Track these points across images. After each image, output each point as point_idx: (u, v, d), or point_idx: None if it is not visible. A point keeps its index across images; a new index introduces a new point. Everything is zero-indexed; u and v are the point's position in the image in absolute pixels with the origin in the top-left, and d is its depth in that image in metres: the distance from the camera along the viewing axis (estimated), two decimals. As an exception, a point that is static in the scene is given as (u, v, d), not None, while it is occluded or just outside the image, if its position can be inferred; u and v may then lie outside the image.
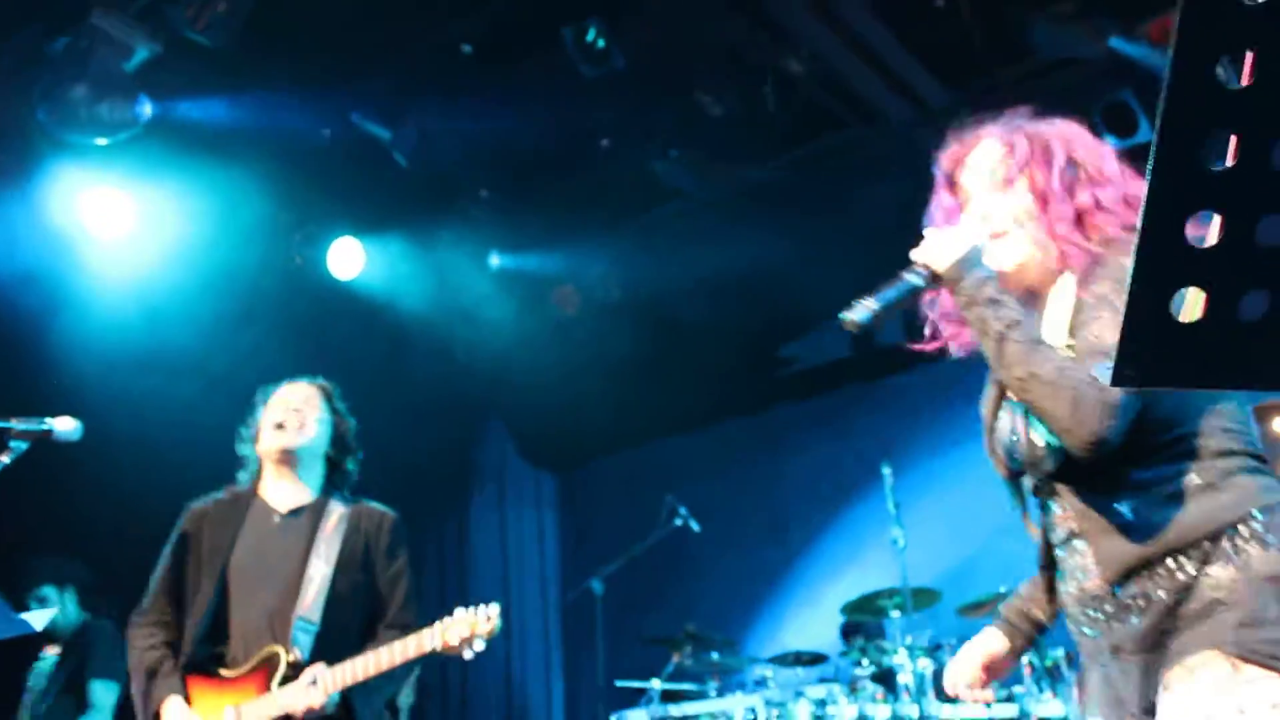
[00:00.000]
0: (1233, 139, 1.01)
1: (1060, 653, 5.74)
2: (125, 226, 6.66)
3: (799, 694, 5.86)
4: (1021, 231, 2.41)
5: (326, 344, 7.16)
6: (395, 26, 6.30)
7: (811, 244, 7.39)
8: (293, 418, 4.11)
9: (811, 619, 6.50)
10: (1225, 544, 2.10)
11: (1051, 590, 2.42)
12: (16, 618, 3.11)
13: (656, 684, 6.30)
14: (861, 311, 2.36)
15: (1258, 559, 2.07)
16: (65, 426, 3.30)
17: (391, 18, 6.21)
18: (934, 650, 5.88)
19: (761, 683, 6.11)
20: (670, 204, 7.56)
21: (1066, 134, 2.46)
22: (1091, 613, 2.28)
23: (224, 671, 3.87)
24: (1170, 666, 2.10)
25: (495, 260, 8.00)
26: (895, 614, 5.94)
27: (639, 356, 7.98)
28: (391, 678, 3.86)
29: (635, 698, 6.45)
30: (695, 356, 8.17)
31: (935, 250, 2.39)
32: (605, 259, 7.90)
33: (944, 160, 2.58)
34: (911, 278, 2.40)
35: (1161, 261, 1.04)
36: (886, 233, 7.23)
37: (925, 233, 2.45)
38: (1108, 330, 2.18)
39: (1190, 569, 2.11)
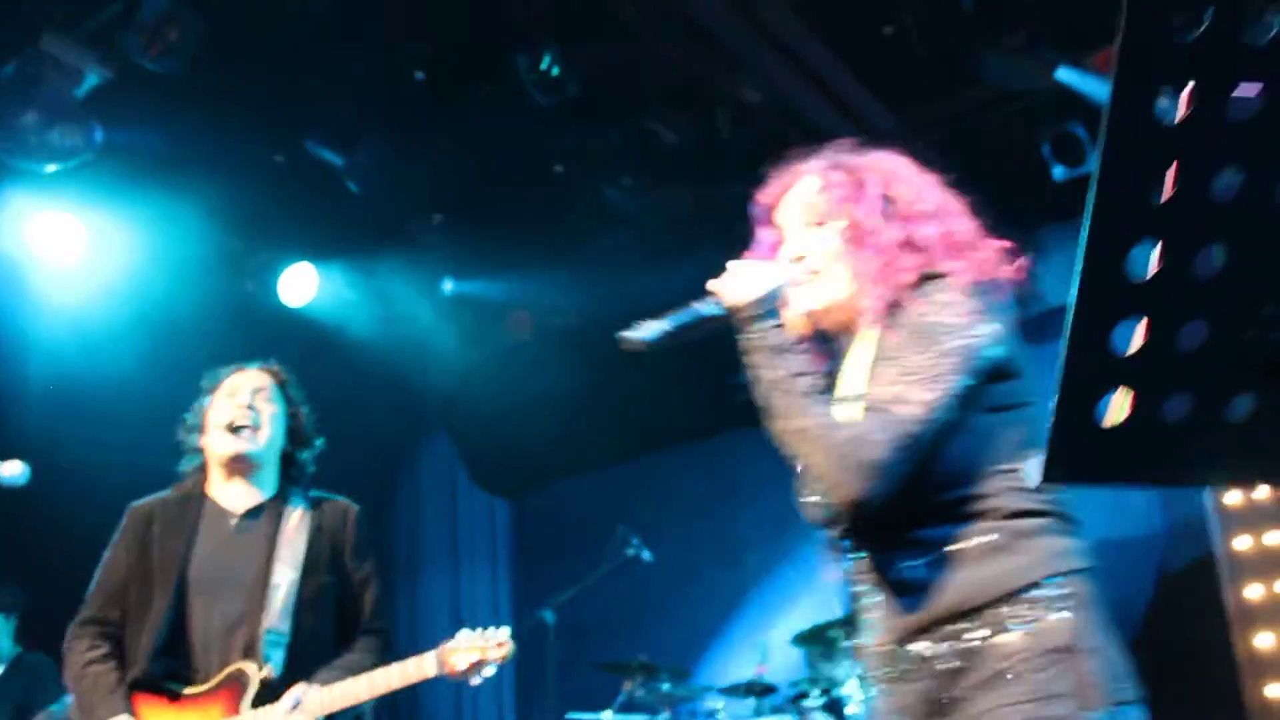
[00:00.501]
0: (1156, 250, 1.03)
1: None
2: (75, 252, 6.58)
3: (750, 726, 5.87)
4: (831, 271, 2.36)
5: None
6: (347, 53, 6.27)
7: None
8: (246, 417, 3.79)
9: (764, 648, 6.50)
10: (1014, 610, 2.02)
11: None
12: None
13: (608, 715, 6.28)
14: (646, 332, 2.31)
15: (1046, 629, 1.99)
16: (11, 471, 3.28)
17: (344, 43, 6.19)
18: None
19: (712, 714, 6.11)
20: (624, 230, 7.57)
21: (885, 168, 2.42)
22: (881, 671, 2.21)
23: (185, 690, 3.56)
24: None
25: (448, 286, 7.97)
26: (846, 644, 5.96)
27: (592, 383, 7.96)
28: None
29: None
30: (648, 383, 8.17)
31: (733, 283, 2.30)
32: (559, 285, 7.89)
33: (764, 196, 2.54)
34: (702, 307, 2.32)
35: (1089, 369, 1.06)
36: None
37: (729, 264, 2.35)
38: (886, 384, 2.13)
39: (976, 635, 2.04)
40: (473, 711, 8.68)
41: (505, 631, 3.58)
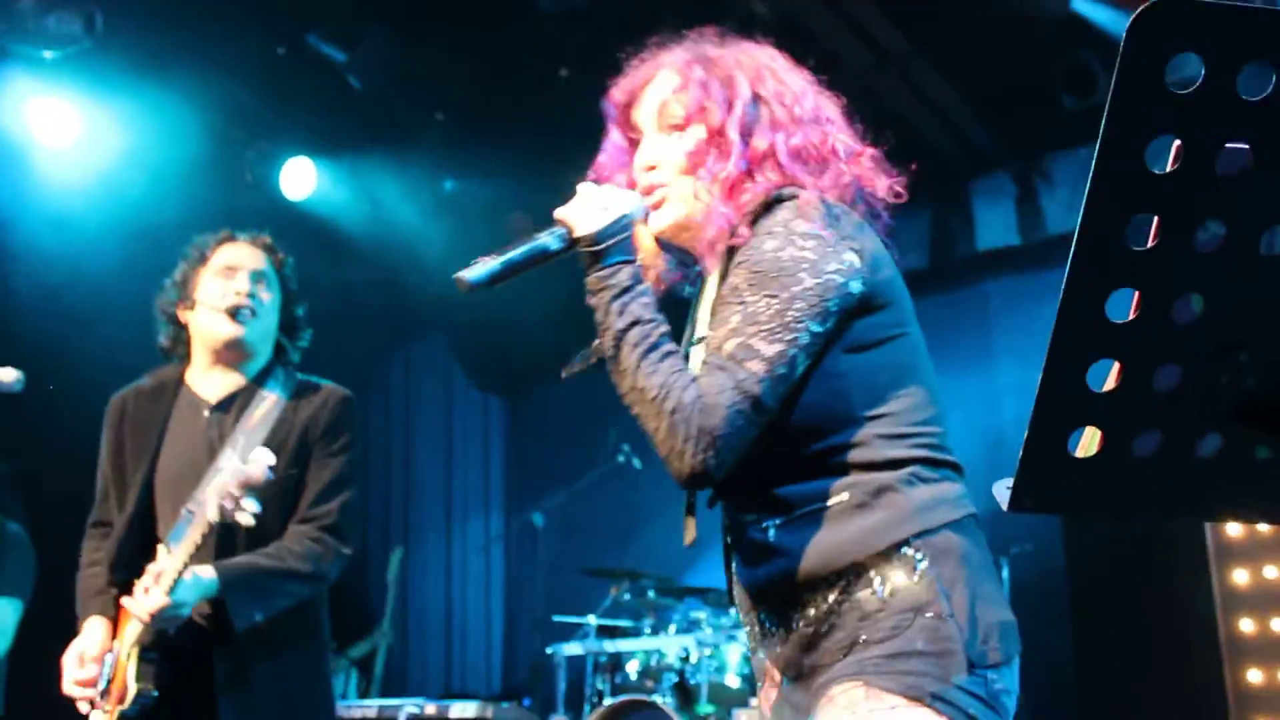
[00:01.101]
0: (1136, 295, 1.04)
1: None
2: (71, 139, 6.54)
3: (731, 637, 5.98)
4: (682, 186, 2.09)
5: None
6: (353, -54, 6.19)
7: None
8: (246, 301, 3.43)
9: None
10: (871, 573, 1.86)
11: None
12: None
13: (593, 619, 6.40)
14: (478, 270, 2.06)
15: (904, 590, 1.84)
16: (6, 378, 3.26)
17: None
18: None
19: (696, 623, 6.23)
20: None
21: (757, 63, 2.14)
22: (749, 629, 2.09)
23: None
24: (816, 699, 1.90)
25: (447, 185, 7.93)
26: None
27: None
28: (273, 582, 3.24)
29: (572, 631, 6.57)
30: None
31: (579, 211, 2.05)
32: (558, 188, 7.84)
33: (616, 92, 2.28)
34: (546, 239, 2.07)
35: (1062, 403, 1.07)
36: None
37: (579, 186, 2.10)
38: (726, 334, 1.88)
39: (831, 599, 1.89)
40: (461, 611, 8.84)
41: (261, 453, 3.08)
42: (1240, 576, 4.91)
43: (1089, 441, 1.10)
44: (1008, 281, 7.37)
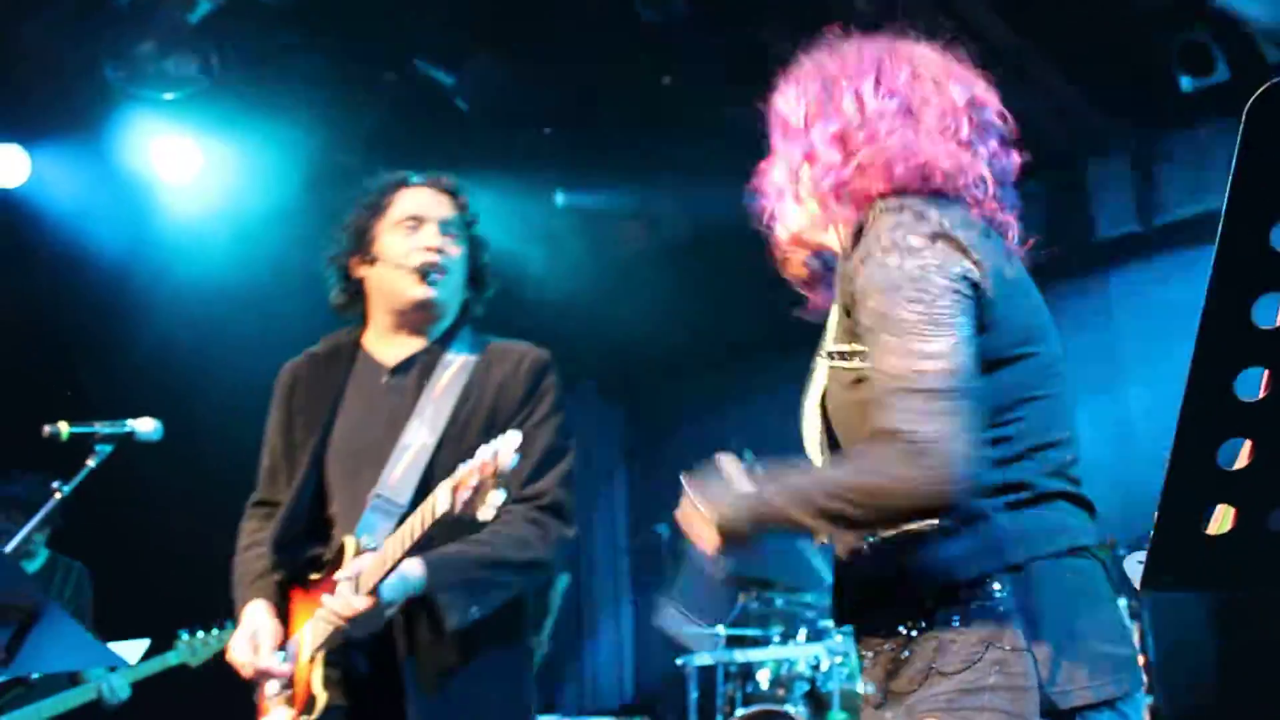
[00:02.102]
0: (1265, 374, 1.01)
1: (1124, 602, 5.75)
2: (193, 174, 6.73)
3: (861, 644, 5.93)
4: (792, 194, 2.10)
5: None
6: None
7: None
8: (434, 257, 3.09)
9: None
10: (950, 603, 1.83)
11: None
12: (109, 650, 3.18)
13: (721, 629, 6.39)
14: (669, 620, 2.20)
15: (980, 622, 1.80)
16: (146, 428, 3.37)
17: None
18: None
19: (825, 631, 6.18)
20: (734, 141, 7.49)
21: (862, 64, 2.09)
22: (854, 655, 2.08)
23: (313, 576, 3.03)
24: None
25: (560, 198, 7.99)
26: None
27: (705, 292, 7.97)
28: (488, 573, 2.86)
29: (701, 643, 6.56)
30: (763, 293, 8.15)
31: (701, 520, 1.98)
32: (669, 196, 7.87)
33: (773, 101, 2.23)
34: (706, 568, 2.05)
35: (1194, 482, 1.05)
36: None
37: (682, 506, 2.05)
38: (891, 356, 1.80)
39: (911, 626, 1.87)
40: (591, 625, 8.85)
41: (512, 437, 2.56)
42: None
43: (1222, 518, 1.07)
44: (1130, 269, 7.18)
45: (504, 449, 2.52)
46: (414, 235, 3.13)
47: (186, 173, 6.71)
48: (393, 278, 3.09)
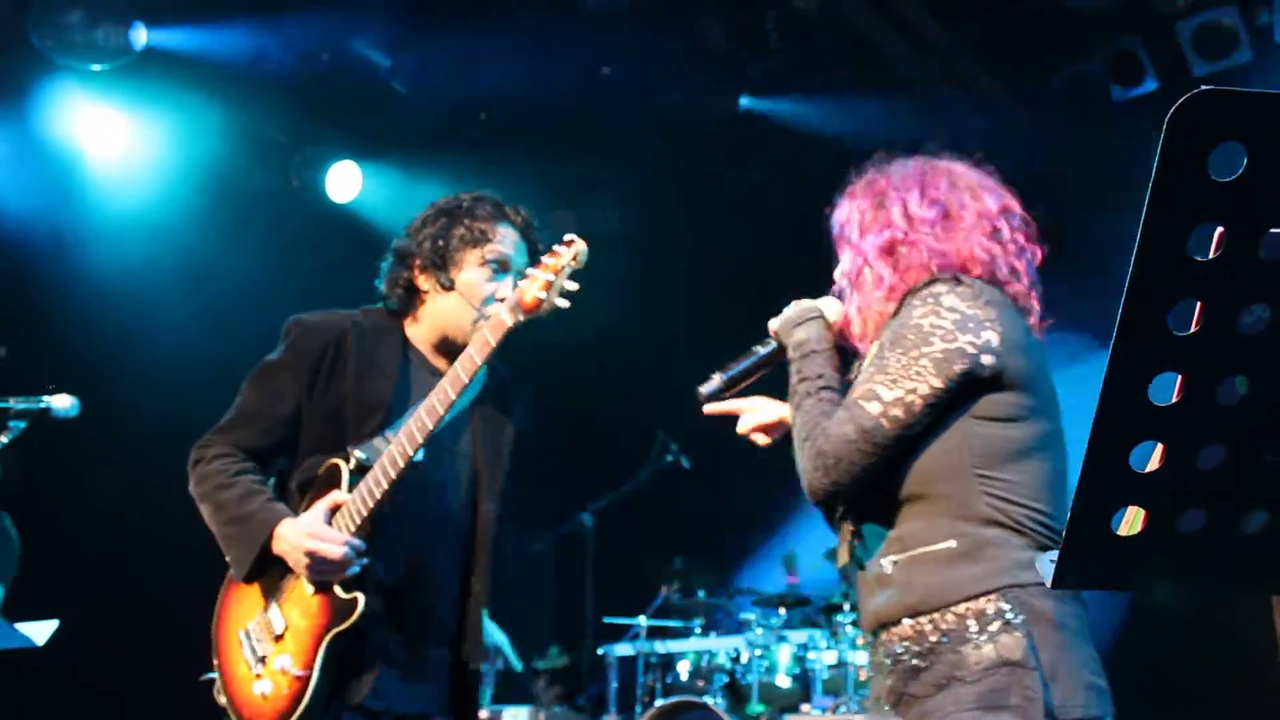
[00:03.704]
0: (1179, 378, 1.03)
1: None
2: (120, 149, 6.62)
3: (782, 638, 5.98)
4: (848, 292, 2.46)
5: (324, 266, 7.17)
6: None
7: (813, 177, 7.35)
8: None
9: (800, 561, 6.57)
10: (969, 619, 2.08)
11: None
12: (15, 630, 3.12)
13: (643, 620, 6.41)
14: (711, 385, 2.57)
15: (998, 639, 2.05)
16: (63, 404, 3.31)
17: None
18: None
19: (746, 625, 6.23)
20: (670, 135, 7.50)
21: (905, 180, 2.43)
22: (868, 658, 2.38)
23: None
24: None
25: (493, 184, 7.94)
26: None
27: (634, 286, 7.96)
28: None
29: (622, 632, 6.59)
30: (690, 288, 8.17)
31: (780, 318, 2.50)
32: (603, 187, 7.86)
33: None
34: (759, 349, 2.55)
35: (1106, 484, 1.07)
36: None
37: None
38: (862, 382, 2.23)
39: (932, 638, 2.12)
40: (517, 609, 8.80)
41: (569, 235, 2.83)
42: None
43: (1133, 520, 1.09)
44: (1050, 281, 7.28)
45: (575, 240, 2.81)
46: (494, 281, 3.08)
47: (113, 146, 6.59)
48: (463, 313, 3.06)
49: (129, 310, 6.57)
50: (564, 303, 2.82)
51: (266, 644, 2.92)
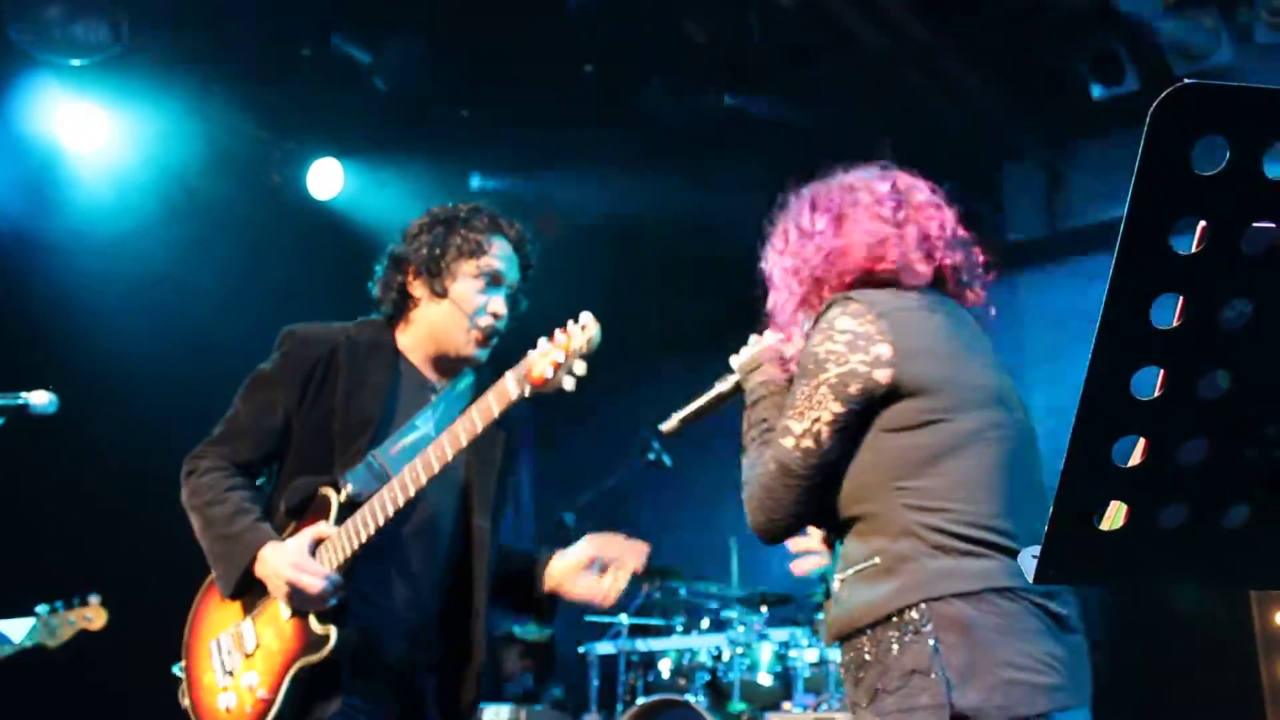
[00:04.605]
0: (1161, 373, 1.03)
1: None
2: (99, 143, 6.58)
3: (763, 635, 5.98)
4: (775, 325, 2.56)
5: (304, 263, 7.15)
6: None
7: (792, 175, 7.36)
8: (497, 325, 3.14)
9: (779, 559, 6.56)
10: (890, 632, 2.15)
11: None
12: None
13: (624, 618, 6.41)
14: (670, 423, 2.77)
15: (910, 650, 2.12)
16: (40, 400, 3.27)
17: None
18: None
19: (728, 623, 6.22)
20: (653, 131, 7.49)
21: (808, 199, 2.51)
22: None
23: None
24: None
25: (474, 182, 7.94)
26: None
27: (620, 284, 7.96)
28: None
29: (604, 630, 6.59)
30: (676, 284, 8.17)
31: (741, 357, 2.62)
32: (586, 185, 7.85)
33: None
34: (718, 385, 2.69)
35: (1088, 478, 1.06)
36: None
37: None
38: (781, 420, 2.33)
39: (867, 654, 2.20)
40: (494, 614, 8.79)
41: (586, 315, 2.86)
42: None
43: (1115, 514, 1.09)
44: (1037, 271, 7.31)
45: (588, 324, 2.85)
46: (488, 294, 3.15)
47: (93, 142, 6.56)
48: (453, 323, 3.12)
49: (108, 306, 6.54)
50: (570, 384, 2.84)
51: (237, 657, 2.96)
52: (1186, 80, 0.94)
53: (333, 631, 2.83)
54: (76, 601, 4.47)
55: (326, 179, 7.41)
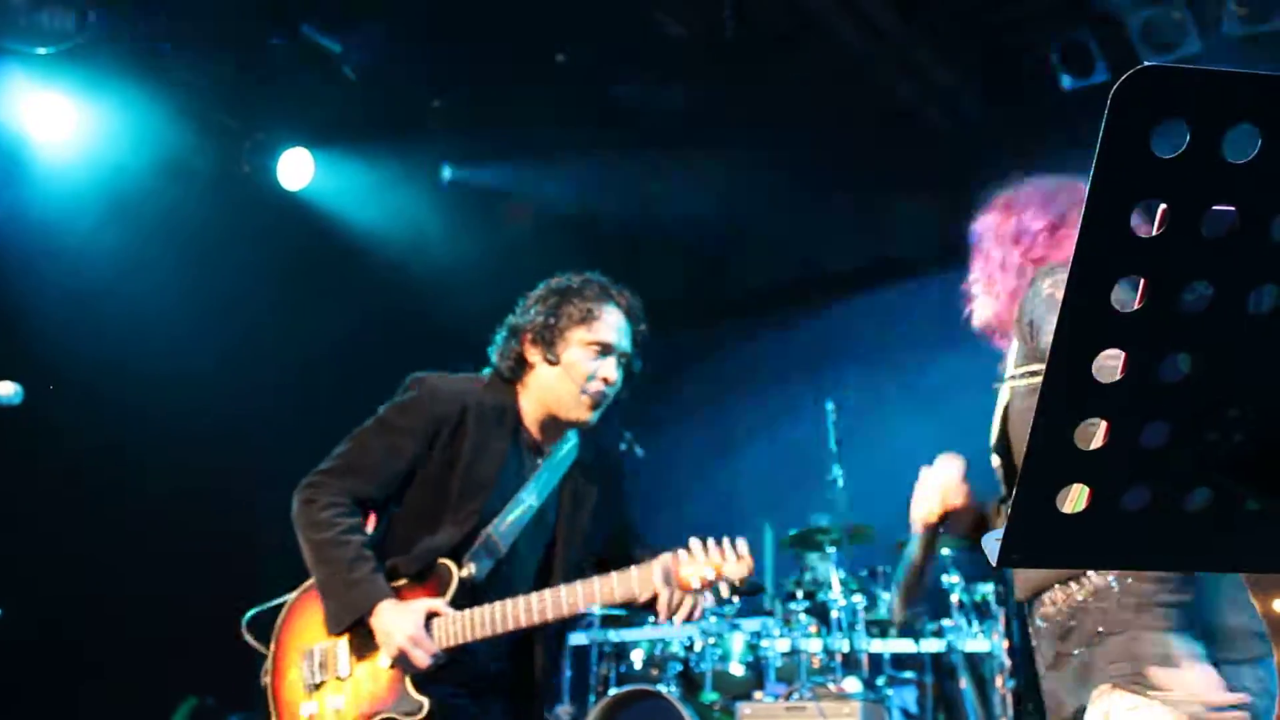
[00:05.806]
0: (1122, 356, 1.03)
1: (990, 588, 5.88)
2: (67, 133, 6.52)
3: (734, 625, 5.99)
4: (980, 292, 2.71)
5: (275, 254, 7.12)
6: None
7: (765, 168, 7.38)
8: (607, 391, 3.29)
9: (755, 547, 6.56)
10: (1104, 575, 2.21)
11: None
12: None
13: (597, 608, 6.39)
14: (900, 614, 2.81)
15: (1130, 588, 2.18)
16: (5, 391, 3.26)
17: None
18: (869, 582, 6.02)
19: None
20: (625, 122, 7.49)
21: (1031, 196, 2.65)
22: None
23: (392, 582, 3.19)
24: (1077, 691, 2.24)
25: (446, 172, 7.91)
26: (831, 549, 6.06)
27: (589, 271, 7.94)
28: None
29: (576, 621, 6.57)
30: (647, 275, 8.15)
31: None
32: (558, 176, 7.83)
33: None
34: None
35: (1050, 461, 1.07)
36: (843, 158, 7.22)
37: None
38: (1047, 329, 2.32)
39: (1078, 597, 2.25)
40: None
41: (744, 545, 3.04)
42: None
43: (1077, 497, 1.10)
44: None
45: (745, 557, 3.02)
46: (598, 361, 3.28)
47: (60, 131, 6.49)
48: (565, 390, 3.26)
49: (75, 295, 6.49)
50: (709, 603, 3.09)
51: (328, 674, 3.15)
52: (1147, 64, 0.94)
53: (426, 703, 3.04)
54: None
55: (297, 169, 7.37)
